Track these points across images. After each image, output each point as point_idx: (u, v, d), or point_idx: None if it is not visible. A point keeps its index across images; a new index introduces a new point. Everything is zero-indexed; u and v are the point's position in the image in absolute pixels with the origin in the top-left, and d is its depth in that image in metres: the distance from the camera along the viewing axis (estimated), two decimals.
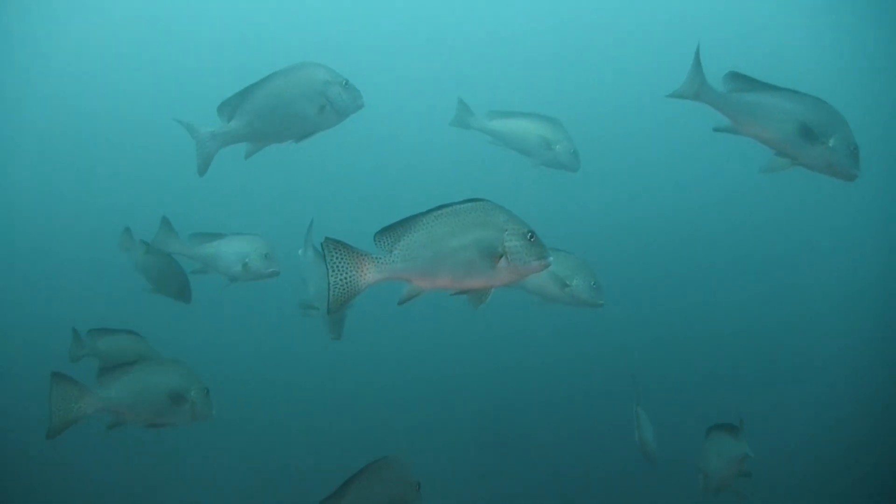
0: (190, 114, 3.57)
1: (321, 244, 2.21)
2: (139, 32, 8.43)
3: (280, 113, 3.33)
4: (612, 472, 6.59)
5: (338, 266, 2.18)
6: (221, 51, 8.30)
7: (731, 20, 8.35)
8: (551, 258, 2.29)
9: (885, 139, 7.12)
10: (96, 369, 3.48)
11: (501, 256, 2.25)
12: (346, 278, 2.19)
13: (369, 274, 2.20)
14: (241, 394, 6.75)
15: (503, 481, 6.94)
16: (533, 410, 7.51)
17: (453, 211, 2.26)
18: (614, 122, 8.69)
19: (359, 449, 6.76)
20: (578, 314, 3.78)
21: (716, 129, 3.15)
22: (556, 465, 7.03)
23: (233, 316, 7.36)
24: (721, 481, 3.72)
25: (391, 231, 2.24)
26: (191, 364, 3.32)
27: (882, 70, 7.71)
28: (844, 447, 6.79)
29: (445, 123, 4.75)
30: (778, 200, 7.92)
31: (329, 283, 2.17)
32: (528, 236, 2.26)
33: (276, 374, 7.60)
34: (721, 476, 3.70)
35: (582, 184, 4.73)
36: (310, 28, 8.50)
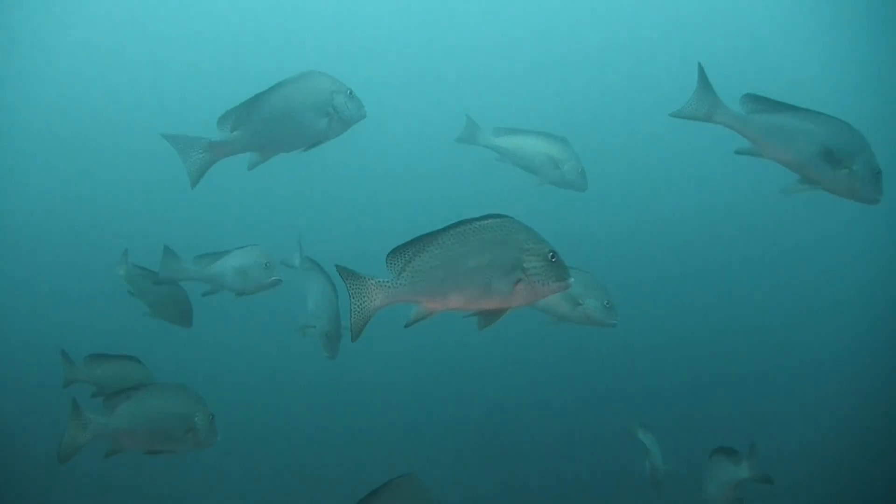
0: (191, 124, 3.49)
1: (339, 274, 2.20)
2: (136, 42, 8.40)
3: (287, 122, 3.26)
4: (611, 475, 6.56)
5: (351, 293, 2.18)
6: (222, 60, 8.26)
7: (733, 33, 8.35)
8: (571, 279, 2.20)
9: (885, 141, 7.07)
10: (89, 395, 3.44)
11: (520, 280, 2.17)
12: (357, 305, 2.18)
13: (376, 299, 2.17)
14: (239, 400, 6.70)
15: (502, 483, 6.92)
16: (532, 413, 7.48)
17: (472, 229, 2.17)
18: (620, 135, 8.67)
19: (359, 451, 6.74)
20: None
21: (737, 152, 3.03)
22: (555, 467, 7.02)
23: (229, 328, 7.26)
24: None
25: (402, 251, 2.18)
26: (191, 372, 3.25)
27: (883, 77, 7.71)
28: (846, 449, 6.78)
29: (452, 139, 4.70)
30: (779, 205, 7.88)
31: (351, 311, 2.18)
32: (550, 256, 2.17)
33: (274, 378, 7.55)
34: (717, 502, 3.68)
35: (586, 194, 4.66)
36: (313, 43, 8.48)
